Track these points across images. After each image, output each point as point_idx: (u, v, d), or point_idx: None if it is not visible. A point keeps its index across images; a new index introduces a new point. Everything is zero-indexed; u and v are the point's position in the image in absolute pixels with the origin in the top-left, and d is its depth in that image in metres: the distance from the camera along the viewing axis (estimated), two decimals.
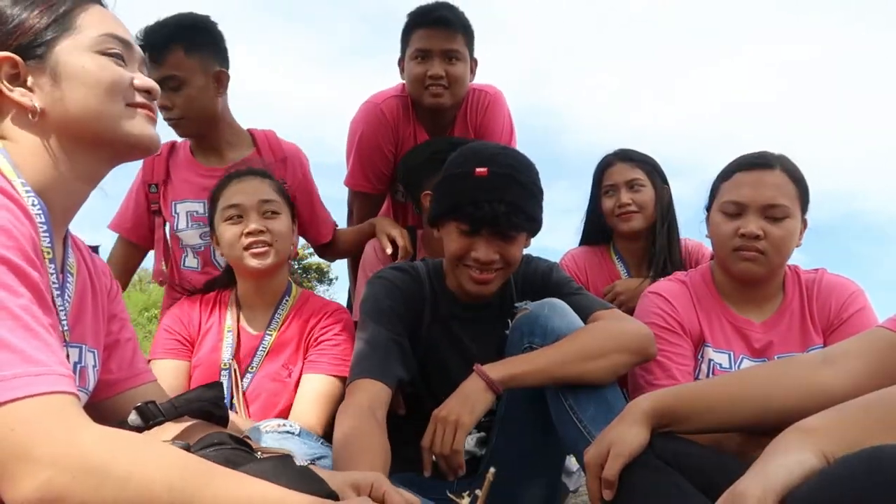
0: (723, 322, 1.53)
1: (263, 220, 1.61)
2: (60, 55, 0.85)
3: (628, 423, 1.00)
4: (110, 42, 0.89)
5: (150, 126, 0.92)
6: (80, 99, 0.85)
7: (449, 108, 2.14)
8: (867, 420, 0.76)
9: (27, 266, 0.70)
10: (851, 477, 0.64)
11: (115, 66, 0.88)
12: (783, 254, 1.46)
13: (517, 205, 1.32)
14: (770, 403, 0.99)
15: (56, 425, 0.62)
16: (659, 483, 0.95)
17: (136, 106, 0.90)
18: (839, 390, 0.92)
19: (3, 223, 0.69)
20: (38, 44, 0.84)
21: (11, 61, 0.83)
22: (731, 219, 1.47)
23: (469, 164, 1.36)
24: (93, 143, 0.88)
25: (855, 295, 1.47)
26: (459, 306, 1.49)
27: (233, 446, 0.78)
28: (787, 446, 0.75)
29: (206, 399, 0.94)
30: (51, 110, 0.84)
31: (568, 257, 2.20)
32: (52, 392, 0.63)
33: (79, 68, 0.85)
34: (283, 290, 1.71)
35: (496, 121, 2.21)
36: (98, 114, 0.86)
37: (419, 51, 2.07)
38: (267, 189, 1.66)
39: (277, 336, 1.66)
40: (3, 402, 0.61)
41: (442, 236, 1.44)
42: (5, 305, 0.64)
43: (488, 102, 2.19)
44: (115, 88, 0.87)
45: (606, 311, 1.41)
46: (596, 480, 0.99)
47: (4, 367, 0.62)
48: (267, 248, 1.60)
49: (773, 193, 1.43)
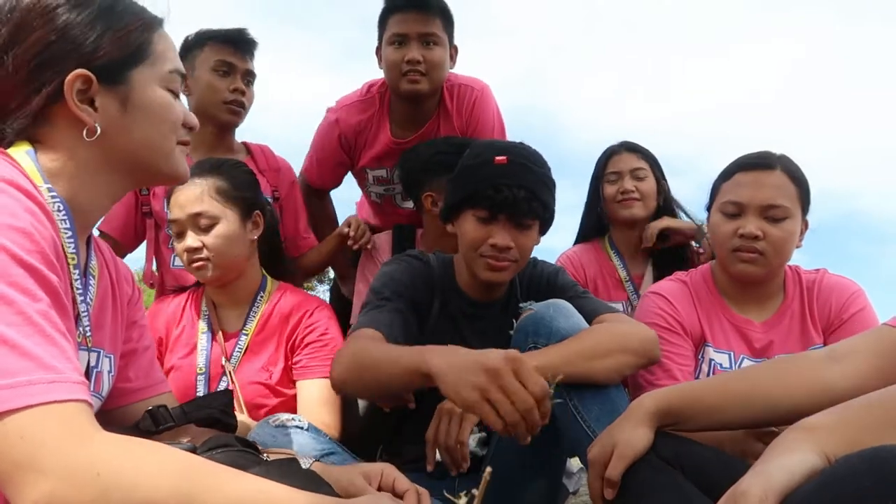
0: (723, 322, 1.53)
1: (199, 235, 1.56)
2: (135, 85, 0.87)
3: (632, 423, 1.00)
4: (176, 80, 0.92)
5: (185, 163, 0.95)
6: (145, 131, 0.88)
7: (427, 97, 2.07)
8: (870, 419, 0.76)
9: (47, 270, 0.69)
10: (853, 477, 0.64)
11: (176, 103, 0.92)
12: (782, 255, 1.46)
13: (535, 192, 1.38)
14: (774, 402, 0.99)
15: (66, 435, 0.62)
16: (661, 483, 0.95)
17: (182, 143, 0.94)
18: (844, 388, 0.92)
19: (25, 226, 0.69)
20: (116, 69, 0.85)
21: (85, 78, 0.83)
22: (730, 219, 1.47)
23: (488, 154, 1.40)
24: (136, 169, 0.90)
25: (856, 295, 1.47)
26: (466, 302, 1.51)
27: (239, 448, 0.78)
28: (789, 446, 0.75)
29: (215, 405, 0.95)
30: (111, 134, 0.85)
31: (563, 258, 2.21)
32: (66, 400, 0.63)
33: (151, 102, 0.88)
34: (257, 287, 1.67)
35: (486, 116, 2.15)
36: (158, 148, 0.90)
37: (395, 35, 2.00)
38: (203, 198, 1.57)
39: (254, 336, 1.63)
40: (17, 409, 0.60)
41: (457, 229, 1.47)
42: (23, 310, 0.64)
43: (475, 98, 2.13)
44: (175, 127, 0.91)
45: (611, 314, 1.42)
46: (598, 479, 0.99)
47: (20, 372, 0.61)
48: (204, 263, 1.56)
49: (773, 194, 1.43)
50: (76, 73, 0.81)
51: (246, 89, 2.10)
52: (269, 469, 0.74)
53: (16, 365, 0.61)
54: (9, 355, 0.61)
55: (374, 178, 2.25)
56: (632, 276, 2.16)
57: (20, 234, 0.67)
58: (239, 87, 2.06)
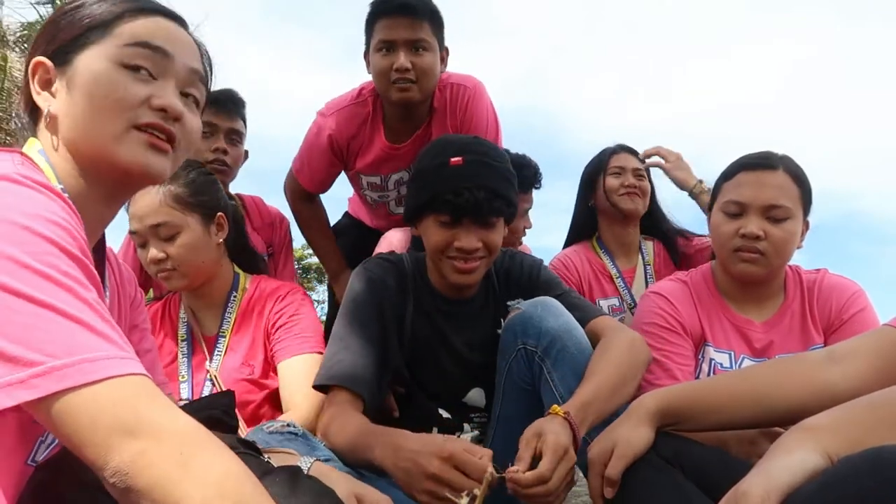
0: (723, 321, 1.53)
1: (162, 245, 1.52)
2: (81, 62, 0.81)
3: (633, 422, 1.00)
4: (137, 52, 0.82)
5: (148, 152, 0.82)
6: (83, 109, 0.80)
7: (418, 104, 2.00)
8: (872, 419, 0.75)
9: (90, 264, 0.71)
10: (854, 477, 0.64)
11: (132, 81, 0.81)
12: (783, 255, 1.46)
13: (495, 190, 1.34)
14: (775, 402, 0.99)
15: (153, 401, 0.64)
16: (661, 482, 0.95)
17: (143, 126, 0.82)
18: (845, 389, 0.92)
19: (67, 226, 0.69)
20: (66, 50, 0.82)
21: (44, 66, 0.82)
22: (732, 219, 1.47)
23: (443, 155, 1.36)
24: (95, 162, 0.83)
25: (856, 295, 1.47)
26: (441, 300, 1.49)
27: (241, 451, 0.78)
28: (791, 445, 0.75)
29: (217, 407, 0.94)
30: (61, 118, 0.82)
31: (556, 261, 2.25)
32: (143, 374, 0.66)
33: (89, 78, 0.80)
34: (229, 286, 1.66)
35: (479, 116, 2.07)
36: (100, 130, 0.80)
37: (383, 42, 1.92)
38: (161, 208, 1.51)
39: (231, 335, 1.61)
40: (103, 379, 0.62)
41: (420, 232, 1.44)
42: (83, 297, 0.65)
43: (468, 98, 2.05)
44: (118, 106, 0.80)
45: (602, 318, 1.41)
46: (598, 478, 0.99)
47: (98, 348, 0.64)
48: (169, 273, 1.54)
49: (775, 194, 1.43)
50: (35, 61, 0.82)
51: (229, 148, 2.13)
52: (277, 477, 0.74)
53: (93, 341, 0.64)
54: (84, 332, 0.64)
55: (367, 183, 2.22)
56: (622, 272, 2.23)
57: (61, 229, 0.68)
58: (220, 147, 2.10)
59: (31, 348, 0.61)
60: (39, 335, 0.62)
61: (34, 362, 0.61)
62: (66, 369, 0.61)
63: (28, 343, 0.61)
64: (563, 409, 1.11)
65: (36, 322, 0.62)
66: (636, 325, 1.54)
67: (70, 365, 0.61)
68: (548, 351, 1.27)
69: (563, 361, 1.25)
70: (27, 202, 0.68)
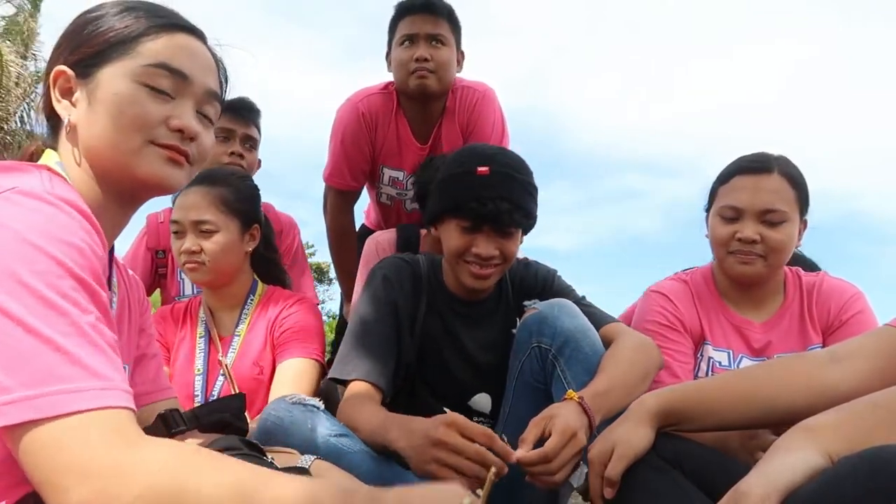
0: (722, 321, 1.54)
1: (199, 239, 1.64)
2: (103, 77, 0.83)
3: (634, 422, 1.00)
4: (158, 73, 0.84)
5: (166, 166, 0.85)
6: (103, 124, 0.82)
7: (435, 96, 2.11)
8: (872, 419, 0.75)
9: (97, 286, 0.70)
10: (854, 477, 0.64)
11: (151, 100, 0.83)
12: (781, 257, 1.47)
13: (517, 202, 1.38)
14: (776, 402, 0.99)
15: (116, 439, 0.63)
16: (661, 482, 0.95)
17: (161, 146, 0.85)
18: (846, 389, 0.92)
19: (80, 243, 0.70)
20: (90, 63, 0.83)
21: (66, 75, 0.84)
22: (728, 223, 1.48)
23: (470, 164, 1.40)
24: (113, 172, 0.85)
25: (855, 297, 1.48)
26: (454, 300, 1.52)
27: (244, 451, 0.78)
28: (791, 445, 0.75)
29: (227, 409, 0.94)
30: (81, 129, 0.84)
31: None
32: (116, 407, 0.64)
33: (110, 95, 0.82)
34: (247, 291, 1.76)
35: (486, 119, 2.17)
36: (117, 144, 0.82)
37: (405, 36, 2.08)
38: (205, 206, 1.64)
39: (245, 336, 1.70)
40: (69, 413, 0.61)
41: (440, 234, 1.47)
42: (75, 321, 0.65)
43: (476, 100, 2.16)
44: (137, 124, 0.82)
45: (615, 325, 1.42)
46: (598, 478, 0.99)
47: (73, 379, 0.63)
48: (197, 265, 1.64)
49: (771, 198, 1.43)
50: (56, 70, 0.83)
51: (245, 153, 2.19)
52: None
53: (69, 372, 0.63)
54: (63, 363, 0.63)
55: (390, 178, 2.26)
56: None
57: (75, 251, 0.68)
58: (236, 151, 2.17)
59: (10, 374, 0.61)
60: (19, 362, 0.61)
61: (8, 388, 0.61)
62: (36, 400, 0.61)
63: (8, 368, 0.61)
64: (577, 394, 1.14)
65: (19, 347, 0.62)
66: (638, 324, 1.55)
67: (41, 395, 0.61)
68: (562, 350, 1.28)
69: (577, 361, 1.26)
70: (44, 221, 0.68)
